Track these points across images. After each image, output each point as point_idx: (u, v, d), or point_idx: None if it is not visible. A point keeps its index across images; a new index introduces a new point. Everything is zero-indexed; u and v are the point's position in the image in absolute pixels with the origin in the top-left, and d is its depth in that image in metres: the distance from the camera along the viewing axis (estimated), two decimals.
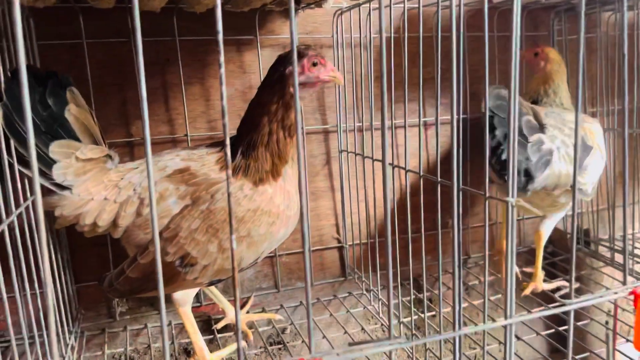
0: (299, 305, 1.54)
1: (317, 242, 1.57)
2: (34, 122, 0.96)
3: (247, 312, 1.44)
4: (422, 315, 1.23)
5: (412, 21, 1.46)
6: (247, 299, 1.48)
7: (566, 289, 1.50)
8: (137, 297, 1.35)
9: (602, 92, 1.64)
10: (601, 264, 1.60)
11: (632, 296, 0.85)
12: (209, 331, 1.40)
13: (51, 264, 1.13)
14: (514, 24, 0.73)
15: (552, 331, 1.41)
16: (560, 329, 1.41)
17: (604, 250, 1.63)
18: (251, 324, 1.42)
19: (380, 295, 1.36)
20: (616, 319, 0.96)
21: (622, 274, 1.53)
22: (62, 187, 1.02)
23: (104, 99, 1.32)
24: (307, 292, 0.70)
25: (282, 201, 1.12)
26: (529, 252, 1.75)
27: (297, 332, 1.46)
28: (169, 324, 1.41)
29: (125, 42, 1.30)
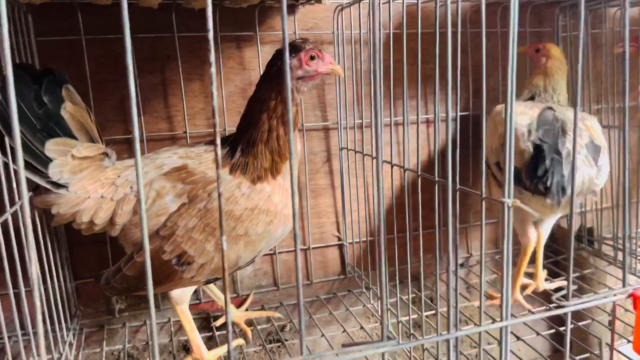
0: None
1: (318, 239, 1.56)
2: (30, 121, 0.96)
3: (246, 310, 1.44)
4: (422, 314, 1.21)
5: (413, 17, 1.44)
6: (247, 296, 1.47)
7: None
8: (135, 294, 1.35)
9: (607, 89, 1.61)
10: (605, 263, 1.59)
11: (631, 298, 0.83)
12: (208, 328, 1.40)
13: (49, 261, 1.13)
14: (511, 21, 0.72)
15: (553, 331, 1.40)
16: (561, 329, 1.40)
17: (608, 249, 1.61)
18: (250, 322, 1.42)
19: (379, 293, 1.35)
20: (615, 321, 0.95)
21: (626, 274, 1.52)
22: (58, 186, 1.02)
23: (103, 95, 1.31)
24: (298, 293, 0.69)
25: (280, 200, 1.11)
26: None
27: (297, 330, 1.45)
28: (168, 321, 1.41)
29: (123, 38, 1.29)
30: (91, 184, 1.06)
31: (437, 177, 0.97)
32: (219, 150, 0.63)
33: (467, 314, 1.59)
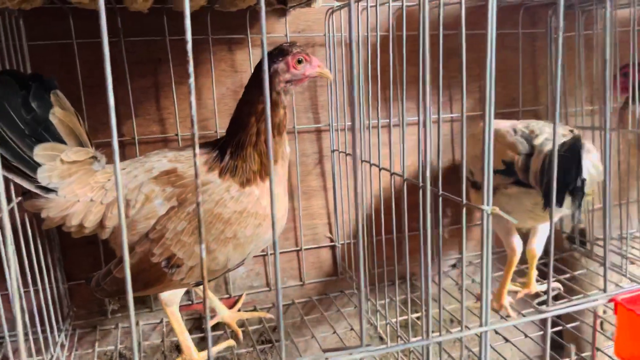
0: (291, 304, 1.54)
1: (311, 240, 1.57)
2: (18, 126, 0.96)
3: (238, 311, 1.45)
4: (409, 316, 1.22)
5: (407, 18, 1.44)
6: (239, 297, 1.48)
7: (559, 290, 1.49)
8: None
9: (600, 90, 1.61)
10: (597, 264, 1.59)
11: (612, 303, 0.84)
12: (200, 329, 1.42)
13: (39, 263, 1.14)
14: (489, 23, 0.72)
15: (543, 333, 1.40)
16: (551, 330, 1.40)
17: (600, 250, 1.61)
18: (242, 323, 1.43)
19: (369, 295, 1.36)
20: (596, 326, 0.95)
21: (618, 275, 1.52)
22: (47, 190, 1.03)
23: (95, 99, 1.32)
24: (277, 296, 0.70)
25: (268, 202, 1.12)
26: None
27: (289, 331, 1.46)
28: (160, 322, 1.42)
29: (115, 42, 1.30)
30: (80, 187, 1.07)
31: (422, 182, 0.97)
32: (197, 160, 0.64)
33: (459, 315, 1.59)
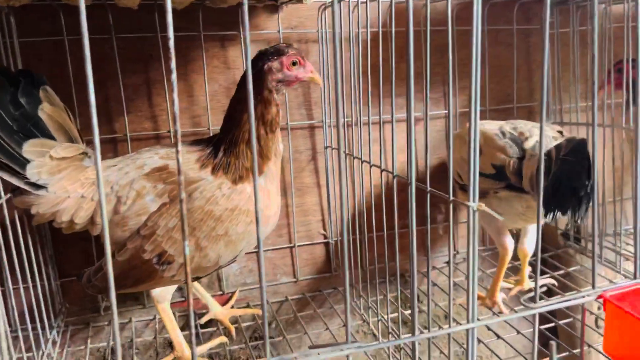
0: (285, 300, 1.54)
1: (304, 237, 1.57)
2: (6, 123, 0.96)
3: (231, 307, 1.45)
4: (400, 312, 1.22)
5: (399, 15, 1.44)
6: (232, 294, 1.48)
7: (552, 286, 1.49)
8: (119, 293, 1.36)
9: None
10: (590, 261, 1.58)
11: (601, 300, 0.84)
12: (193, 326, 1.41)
13: (30, 260, 1.14)
14: (475, 19, 0.72)
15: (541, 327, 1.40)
16: (542, 327, 1.40)
17: (595, 246, 1.61)
18: (235, 319, 1.43)
19: (362, 292, 1.36)
20: (584, 323, 0.95)
21: (612, 272, 1.53)
22: (37, 186, 1.03)
23: (86, 95, 1.31)
24: (262, 294, 0.70)
25: (261, 200, 1.13)
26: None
27: (283, 328, 1.47)
28: (153, 319, 1.42)
29: (107, 38, 1.30)
30: (71, 184, 1.07)
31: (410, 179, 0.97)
32: (179, 157, 0.64)
33: (453, 312, 1.60)
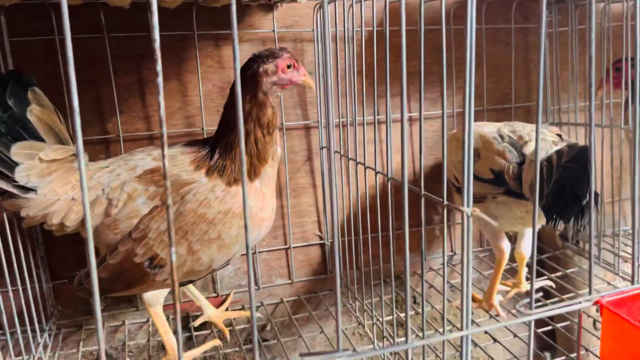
0: (280, 302, 1.53)
1: (300, 238, 1.56)
2: None
3: (226, 310, 1.44)
4: (393, 316, 1.21)
5: (395, 14, 1.42)
6: (227, 296, 1.47)
7: (548, 288, 1.48)
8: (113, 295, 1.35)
9: (594, 86, 1.59)
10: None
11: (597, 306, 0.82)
12: (187, 329, 1.40)
13: (19, 262, 1.13)
14: (469, 18, 0.70)
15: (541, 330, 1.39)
16: (540, 330, 1.39)
17: (594, 248, 1.59)
18: (229, 322, 1.41)
19: (357, 294, 1.34)
20: (580, 329, 0.94)
21: (611, 274, 1.51)
22: (26, 189, 1.01)
23: (79, 96, 1.28)
24: (250, 297, 0.69)
25: (255, 203, 1.12)
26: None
27: (278, 330, 1.45)
28: (147, 321, 1.41)
29: (99, 37, 1.28)
30: (61, 186, 1.05)
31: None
32: (166, 161, 0.63)
33: (449, 315, 1.58)
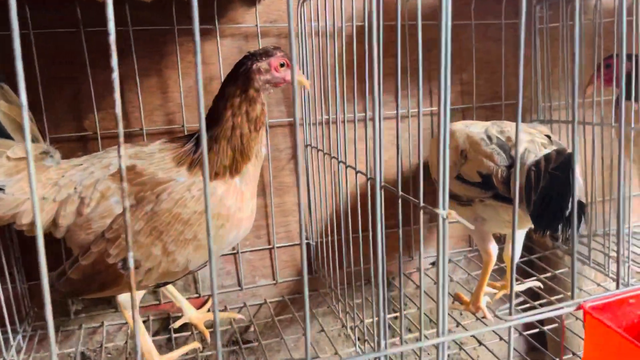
0: (264, 303, 1.50)
1: (284, 238, 1.52)
2: None
3: (208, 311, 1.41)
4: (373, 319, 1.17)
5: (386, 8, 1.39)
6: (208, 297, 1.44)
7: (536, 289, 1.45)
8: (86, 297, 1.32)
9: (585, 84, 1.56)
10: (579, 264, 1.54)
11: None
12: (167, 330, 1.37)
13: None
14: (444, 14, 0.67)
15: (530, 332, 1.37)
16: (527, 333, 1.36)
17: (584, 248, 1.56)
18: (210, 323, 1.38)
19: (340, 295, 1.31)
20: (563, 334, 0.91)
21: (603, 275, 1.48)
22: None
23: (54, 93, 1.27)
24: (214, 298, 0.66)
25: (233, 202, 1.09)
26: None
27: (260, 332, 1.42)
28: (126, 323, 1.38)
29: (75, 32, 1.24)
30: None
31: (383, 183, 0.92)
32: (123, 163, 0.59)
33: (434, 317, 1.56)
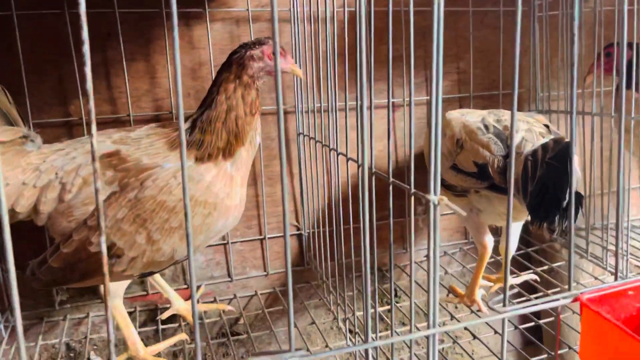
0: (254, 295, 1.47)
1: (275, 228, 1.49)
2: None
3: (197, 303, 1.38)
4: (364, 311, 1.14)
5: None
6: (198, 288, 1.41)
7: (532, 282, 1.42)
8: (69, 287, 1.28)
9: (585, 73, 1.52)
10: (576, 256, 1.51)
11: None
12: (154, 322, 1.34)
13: None
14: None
15: (528, 325, 1.34)
16: (523, 326, 1.34)
17: (582, 241, 1.53)
18: (199, 315, 1.35)
19: (331, 287, 1.28)
20: (559, 326, 0.88)
21: (600, 268, 1.45)
22: None
23: (39, 76, 1.23)
24: (192, 295, 0.62)
25: (222, 188, 1.05)
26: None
27: (249, 324, 1.39)
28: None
29: (60, 14, 1.21)
30: (10, 170, 0.99)
31: (375, 169, 0.88)
32: (94, 150, 0.56)
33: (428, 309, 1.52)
